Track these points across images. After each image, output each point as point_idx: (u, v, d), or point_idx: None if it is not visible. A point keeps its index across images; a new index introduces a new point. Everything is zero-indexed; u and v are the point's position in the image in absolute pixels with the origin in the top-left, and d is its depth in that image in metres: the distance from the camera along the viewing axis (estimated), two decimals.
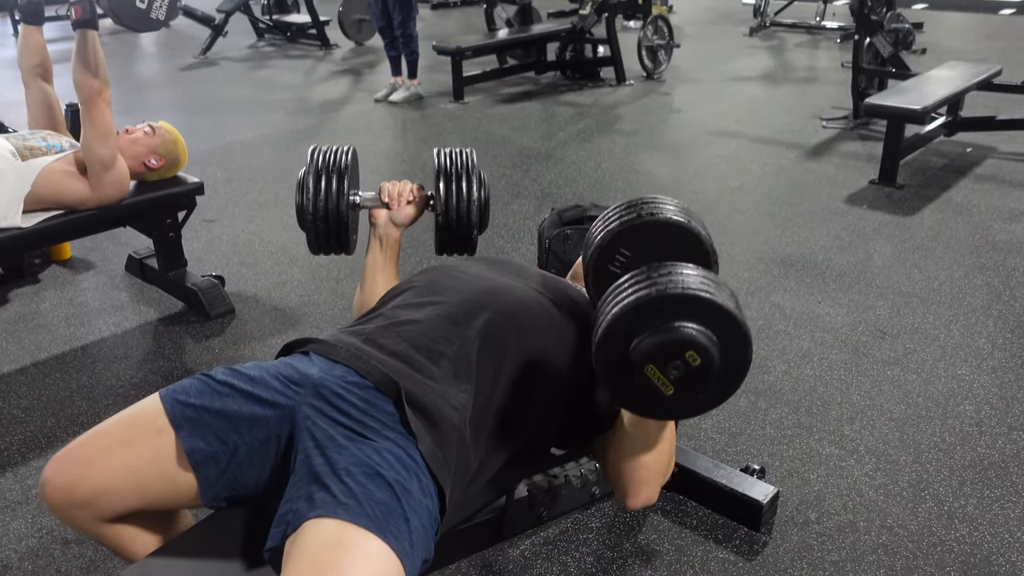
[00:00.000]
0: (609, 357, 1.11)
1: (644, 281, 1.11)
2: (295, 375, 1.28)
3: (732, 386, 1.13)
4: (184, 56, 7.79)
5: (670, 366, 1.07)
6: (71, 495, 1.23)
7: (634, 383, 1.10)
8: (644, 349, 1.07)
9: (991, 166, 4.37)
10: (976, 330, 2.72)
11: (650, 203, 1.28)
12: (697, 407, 1.16)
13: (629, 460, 1.30)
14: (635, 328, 1.09)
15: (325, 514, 1.07)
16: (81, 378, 2.53)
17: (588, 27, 6.40)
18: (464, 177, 1.63)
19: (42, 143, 2.48)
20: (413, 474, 1.15)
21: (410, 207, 1.69)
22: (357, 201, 1.68)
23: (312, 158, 1.63)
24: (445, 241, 1.67)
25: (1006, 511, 1.93)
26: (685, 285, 1.08)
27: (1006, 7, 9.82)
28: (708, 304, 1.07)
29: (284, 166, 4.56)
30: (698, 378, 1.08)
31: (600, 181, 4.24)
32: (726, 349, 1.08)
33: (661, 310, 1.08)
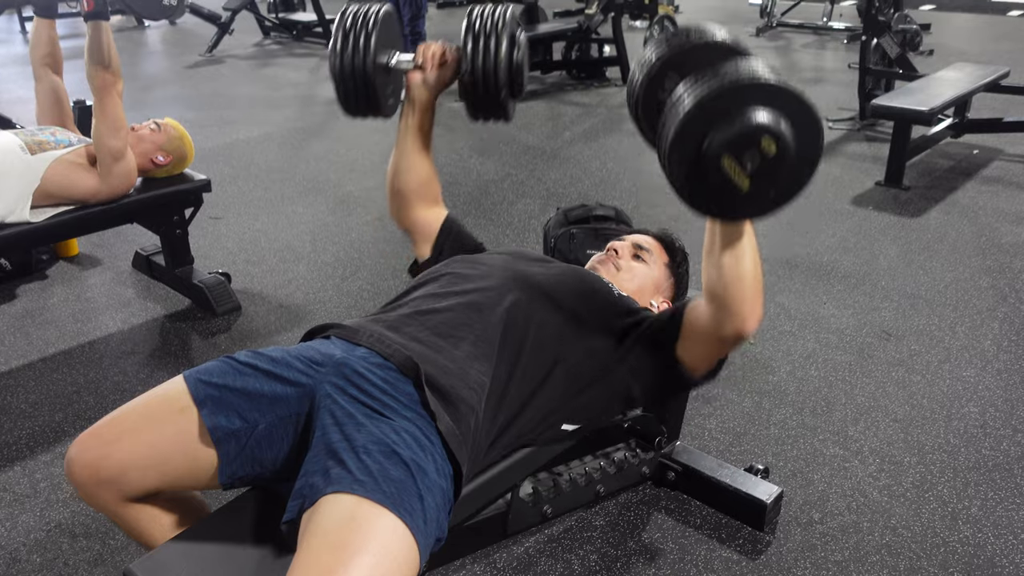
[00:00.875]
0: (683, 156, 1.08)
1: (711, 75, 1.08)
2: (317, 356, 1.32)
3: (803, 178, 1.10)
4: (190, 54, 7.81)
5: (746, 156, 1.06)
6: (96, 472, 1.26)
7: (709, 181, 1.07)
8: (720, 140, 1.05)
9: (998, 168, 4.36)
10: (981, 332, 2.72)
11: (694, 29, 1.25)
12: (770, 203, 1.13)
13: (732, 283, 1.27)
14: (708, 121, 1.06)
15: (341, 489, 1.09)
16: (88, 373, 2.54)
17: (594, 27, 6.39)
18: (494, 35, 1.52)
19: (51, 138, 2.49)
20: (429, 454, 1.18)
21: (443, 68, 1.62)
22: (391, 63, 1.61)
23: (342, 16, 1.57)
24: (474, 105, 1.59)
25: (1010, 513, 1.93)
26: (754, 73, 1.06)
27: (1014, 8, 9.80)
28: (779, 90, 1.05)
29: (290, 164, 4.57)
30: (774, 167, 1.06)
31: (605, 181, 4.24)
32: (799, 136, 1.06)
33: (732, 99, 1.05)
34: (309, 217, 3.79)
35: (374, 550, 1.05)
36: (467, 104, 1.58)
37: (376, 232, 3.54)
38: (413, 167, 1.68)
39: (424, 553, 1.12)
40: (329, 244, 3.48)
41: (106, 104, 2.39)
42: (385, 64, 1.59)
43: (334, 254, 3.38)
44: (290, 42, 8.56)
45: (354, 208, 3.86)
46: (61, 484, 2.05)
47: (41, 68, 2.66)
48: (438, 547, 1.18)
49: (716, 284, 1.29)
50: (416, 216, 1.71)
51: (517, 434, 1.39)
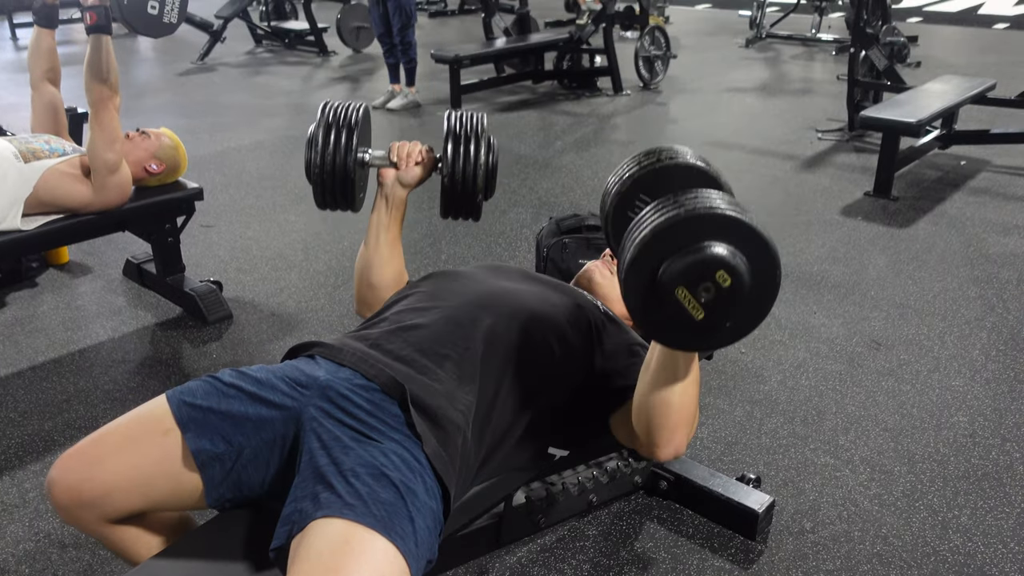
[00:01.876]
0: (638, 283, 1.09)
1: (671, 205, 1.09)
2: (301, 377, 1.30)
3: (760, 312, 1.11)
4: (182, 61, 7.80)
5: (701, 287, 1.06)
6: (78, 495, 1.24)
7: (663, 309, 1.08)
8: (675, 270, 1.06)
9: (985, 179, 4.40)
10: (970, 342, 2.74)
11: (667, 149, 1.28)
12: (726, 335, 1.13)
13: (657, 407, 1.26)
14: (664, 250, 1.07)
15: (331, 514, 1.08)
16: (78, 382, 2.53)
17: (585, 37, 6.43)
18: (473, 140, 1.59)
19: (45, 146, 2.49)
20: (418, 475, 1.17)
21: (418, 168, 1.66)
22: (365, 159, 1.66)
23: (323, 112, 1.62)
24: (450, 204, 1.64)
25: (1000, 522, 1.94)
26: (712, 205, 1.07)
27: (1000, 21, 9.91)
28: (737, 223, 1.06)
29: (281, 172, 4.57)
30: (728, 300, 1.07)
31: (597, 190, 4.25)
32: (755, 270, 1.07)
33: (690, 230, 1.06)
34: (301, 225, 3.78)
35: (366, 574, 1.04)
36: (443, 203, 1.64)
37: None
38: (388, 261, 1.66)
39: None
40: (321, 252, 3.48)
41: (103, 117, 2.39)
42: (361, 160, 1.65)
43: (326, 263, 3.38)
44: (282, 50, 8.56)
45: (346, 217, 3.85)
46: None
47: (40, 80, 2.66)
48: (429, 568, 1.16)
49: (642, 402, 1.28)
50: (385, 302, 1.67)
51: (505, 455, 1.37)
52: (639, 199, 1.26)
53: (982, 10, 10.87)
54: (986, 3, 11.33)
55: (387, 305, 1.52)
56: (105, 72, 2.38)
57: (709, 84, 6.82)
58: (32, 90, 2.67)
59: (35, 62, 2.66)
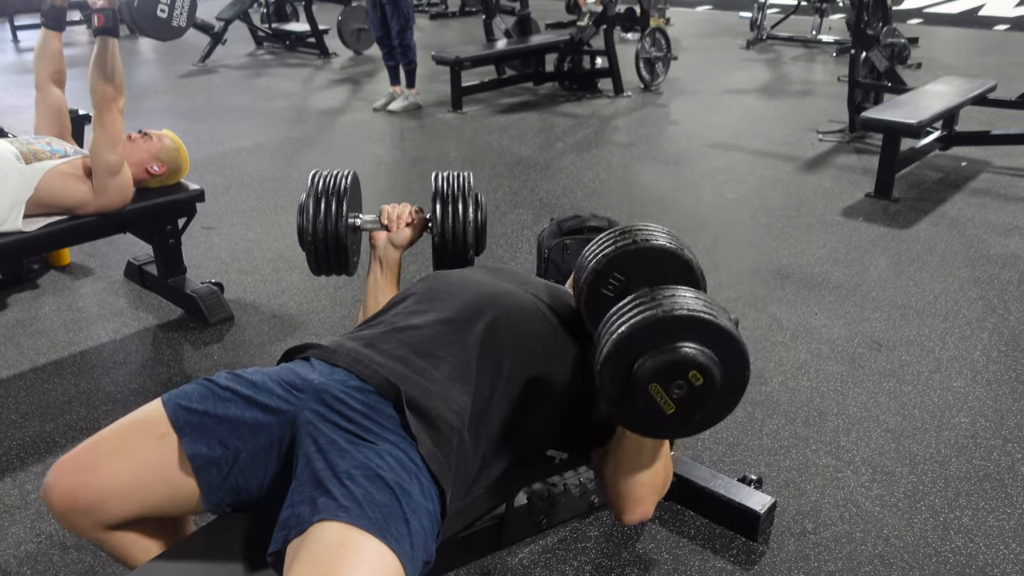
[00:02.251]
0: (613, 376, 1.13)
1: (649, 303, 1.13)
2: (297, 380, 1.29)
3: (729, 406, 1.16)
4: (183, 63, 7.81)
5: (673, 385, 1.10)
6: (74, 501, 1.23)
7: (636, 402, 1.12)
8: (649, 368, 1.10)
9: (986, 180, 4.40)
10: (971, 343, 2.74)
11: (643, 230, 1.32)
12: (694, 426, 1.18)
13: (625, 478, 1.32)
14: (640, 348, 1.11)
15: (327, 517, 1.08)
16: (80, 384, 2.53)
17: (586, 39, 6.43)
18: (460, 200, 1.67)
19: (46, 147, 2.49)
20: (414, 476, 1.17)
21: (409, 229, 1.73)
22: (357, 224, 1.73)
23: (312, 182, 1.68)
24: (443, 262, 1.71)
25: (1001, 523, 1.94)
26: (689, 307, 1.11)
27: (1000, 23, 9.91)
28: (711, 325, 1.10)
29: (283, 174, 4.57)
30: (699, 397, 1.11)
31: (598, 192, 4.26)
32: (726, 369, 1.11)
33: (666, 330, 1.10)
34: None
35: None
36: (435, 261, 1.71)
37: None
38: None
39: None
40: None
41: (106, 119, 2.40)
42: (352, 225, 1.71)
43: None
44: (283, 52, 8.57)
45: None
46: None
47: (46, 82, 2.67)
48: (426, 570, 1.16)
49: (610, 474, 1.33)
50: None
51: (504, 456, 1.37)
52: (614, 277, 1.30)
53: (983, 12, 10.87)
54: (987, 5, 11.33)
55: (384, 308, 1.52)
56: (110, 74, 2.39)
57: (710, 85, 6.83)
58: (37, 92, 2.68)
59: (41, 64, 2.66)
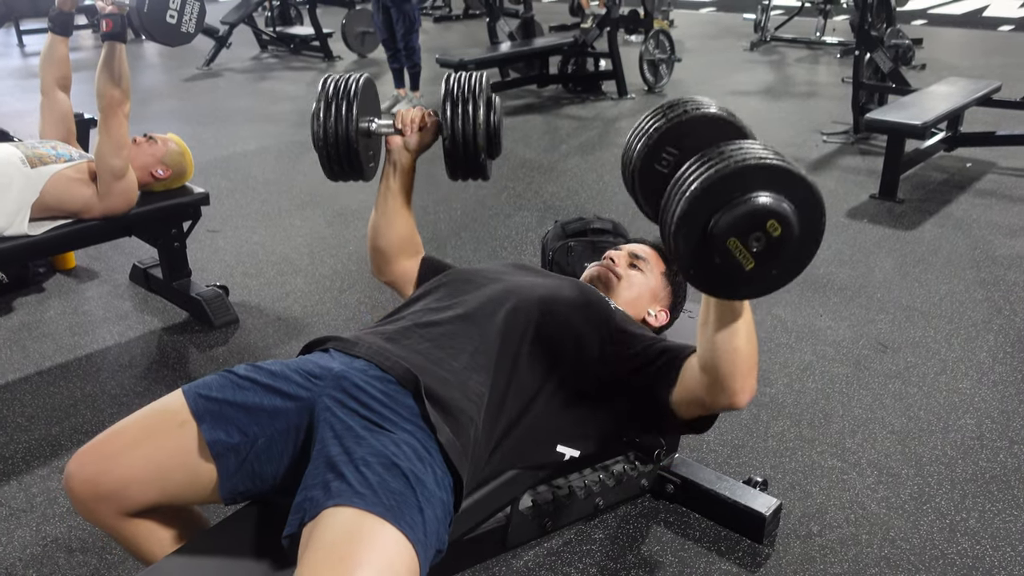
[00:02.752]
0: (688, 236, 1.09)
1: (717, 158, 1.09)
2: (316, 369, 1.32)
3: (806, 257, 1.12)
4: (187, 67, 7.83)
5: (752, 238, 1.07)
6: (96, 488, 1.25)
7: (714, 261, 1.09)
8: (727, 222, 1.07)
9: (991, 181, 4.39)
10: (977, 344, 2.73)
11: (691, 101, 1.25)
12: (772, 282, 1.14)
13: (727, 357, 1.26)
14: (715, 203, 1.07)
15: (341, 503, 1.09)
16: (85, 387, 2.53)
17: (590, 41, 6.43)
18: (471, 100, 1.60)
19: (51, 151, 2.50)
20: (428, 466, 1.18)
21: (422, 132, 1.69)
22: (371, 128, 1.68)
23: (323, 86, 1.64)
24: (454, 166, 1.65)
25: (1008, 525, 1.93)
26: (759, 155, 1.08)
27: (1005, 23, 9.89)
28: (784, 172, 1.07)
29: (287, 177, 4.58)
30: (778, 248, 1.08)
31: (602, 194, 4.26)
32: (803, 217, 1.08)
33: (739, 182, 1.07)
34: (307, 230, 3.79)
35: (375, 563, 1.05)
36: (447, 165, 1.66)
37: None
38: (395, 226, 1.72)
39: (424, 566, 1.11)
40: (327, 256, 3.48)
41: (111, 123, 2.41)
42: (366, 130, 1.67)
43: (331, 267, 3.39)
44: (287, 55, 8.59)
45: (351, 220, 3.87)
46: (57, 498, 2.04)
47: (51, 87, 2.68)
48: (438, 559, 1.18)
49: (709, 358, 1.29)
50: (398, 269, 1.74)
51: (515, 447, 1.39)
52: (666, 152, 1.23)
53: (987, 12, 10.85)
54: (991, 5, 11.31)
55: (405, 304, 1.55)
56: (117, 79, 2.40)
57: (714, 87, 6.82)
58: (42, 96, 2.68)
59: (47, 69, 2.67)
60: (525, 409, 1.38)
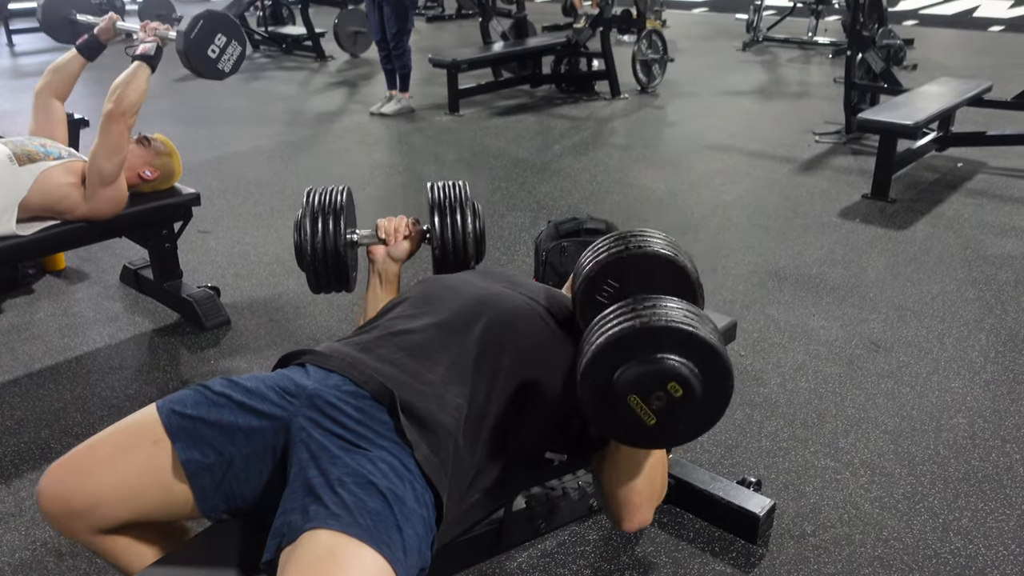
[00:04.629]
0: (593, 386, 1.12)
1: (629, 313, 1.12)
2: (291, 386, 1.29)
3: (712, 417, 1.14)
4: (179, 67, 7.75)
5: (652, 396, 1.09)
6: (67, 505, 1.23)
7: (617, 413, 1.11)
8: (627, 379, 1.09)
9: (982, 181, 4.41)
10: (969, 343, 2.74)
11: (638, 236, 1.31)
12: (678, 437, 1.17)
13: (621, 486, 1.32)
14: (619, 359, 1.10)
15: (318, 525, 1.07)
16: (75, 389, 2.52)
17: (583, 41, 6.44)
18: (459, 210, 1.66)
19: (40, 149, 2.48)
20: (407, 483, 1.15)
21: (406, 242, 1.72)
22: (355, 239, 1.71)
23: (308, 200, 1.66)
24: (443, 272, 1.70)
25: (1000, 524, 1.94)
26: (669, 318, 1.10)
27: (995, 24, 9.93)
28: (690, 336, 1.09)
29: (279, 177, 4.56)
30: (679, 409, 1.10)
31: (595, 194, 4.25)
32: (707, 381, 1.10)
33: (645, 342, 1.10)
34: None
35: None
36: (435, 269, 1.70)
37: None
38: None
39: None
40: None
41: (111, 128, 2.40)
42: (350, 242, 1.70)
43: None
44: (279, 56, 8.56)
45: None
46: None
47: (49, 95, 2.69)
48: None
49: (606, 482, 1.33)
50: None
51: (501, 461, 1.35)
52: (608, 284, 1.30)
53: (977, 13, 10.89)
54: (981, 6, 11.35)
55: (380, 313, 1.51)
56: (133, 94, 2.44)
57: (706, 87, 6.83)
58: (36, 99, 2.68)
59: (55, 79, 2.70)
60: (509, 422, 1.34)
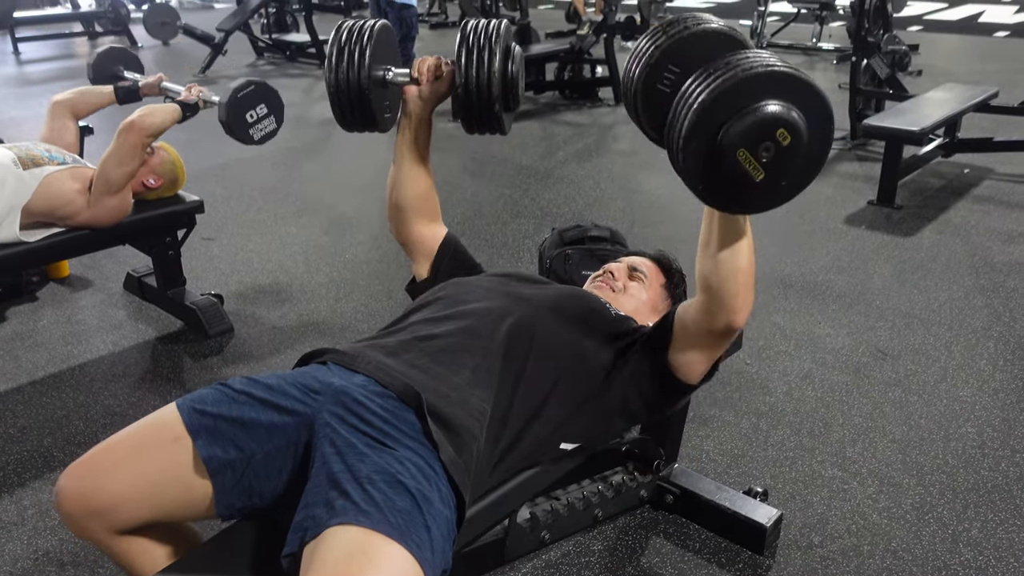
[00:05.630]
0: (698, 150, 1.08)
1: (720, 70, 1.07)
2: (315, 383, 1.29)
3: (817, 164, 1.11)
4: (184, 74, 7.80)
5: (761, 147, 1.06)
6: (87, 504, 1.23)
7: (724, 173, 1.07)
8: (737, 132, 1.05)
9: (989, 187, 4.39)
10: (977, 351, 2.72)
11: (690, 17, 1.21)
12: (781, 194, 1.13)
13: (728, 275, 1.27)
14: (723, 114, 1.06)
15: (346, 521, 1.07)
16: (78, 397, 2.51)
17: (586, 47, 6.44)
18: (487, 47, 1.51)
19: (45, 154, 2.48)
20: (434, 484, 1.16)
21: (438, 82, 1.62)
22: (387, 77, 1.62)
23: (337, 32, 1.58)
24: (467, 116, 1.57)
25: (1011, 535, 1.92)
26: (766, 63, 1.05)
27: (1000, 29, 9.91)
28: (792, 79, 1.05)
29: (283, 184, 4.56)
30: (788, 158, 1.07)
31: (599, 200, 4.24)
32: (812, 125, 1.07)
33: (748, 91, 1.05)
34: (302, 238, 3.77)
35: None
36: (462, 117, 1.58)
37: (370, 253, 3.52)
38: (411, 180, 1.69)
39: None
40: (323, 265, 3.46)
41: (127, 139, 2.44)
42: (381, 78, 1.60)
43: (328, 275, 3.36)
44: (283, 62, 8.58)
45: (347, 229, 3.85)
46: (49, 511, 2.01)
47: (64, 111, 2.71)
48: None
49: (712, 277, 1.29)
50: (415, 231, 1.71)
51: (518, 458, 1.38)
52: (668, 70, 1.19)
53: (982, 18, 10.89)
54: (986, 11, 11.34)
55: (404, 315, 1.53)
56: (157, 119, 2.53)
57: None
58: (54, 107, 2.71)
59: (79, 100, 2.73)
60: (529, 423, 1.37)
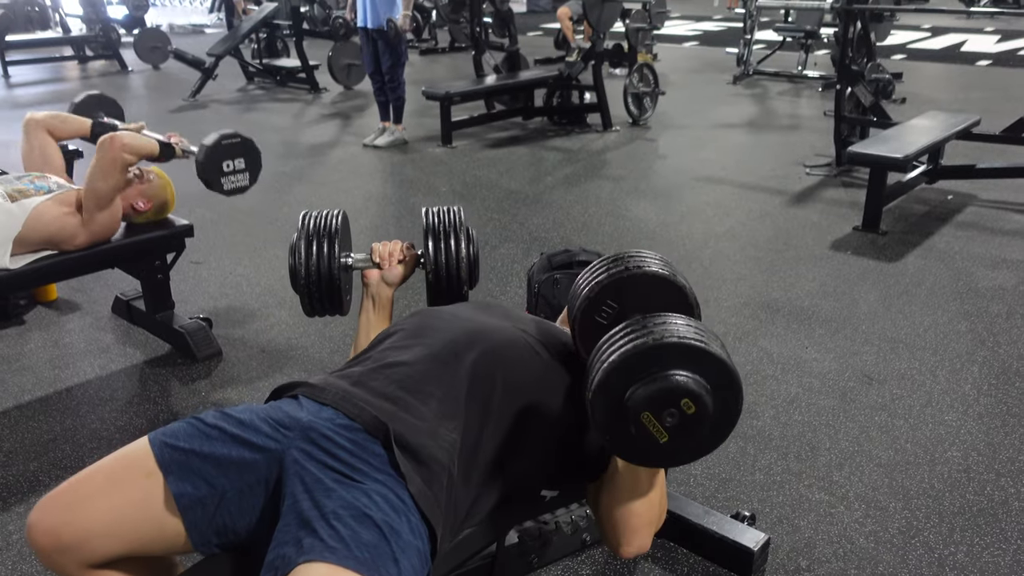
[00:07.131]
0: (605, 405, 1.12)
1: (640, 330, 1.13)
2: (284, 419, 1.28)
3: (723, 433, 1.15)
4: (174, 98, 7.84)
5: (665, 414, 1.10)
6: (58, 539, 1.21)
7: (629, 431, 1.12)
8: (641, 397, 1.09)
9: (972, 213, 4.44)
10: (962, 376, 2.74)
11: (635, 256, 1.32)
12: (689, 454, 1.18)
13: (620, 508, 1.31)
14: (631, 376, 1.10)
15: (313, 558, 1.06)
16: (65, 421, 2.49)
17: (575, 74, 6.50)
18: (452, 235, 1.67)
19: (30, 185, 2.49)
20: (403, 515, 1.15)
21: (401, 266, 1.74)
22: (349, 263, 1.73)
23: (303, 223, 1.68)
24: (437, 298, 1.71)
25: (996, 558, 1.93)
26: (680, 334, 1.11)
27: (982, 59, 10.08)
28: (702, 353, 1.10)
29: (272, 208, 4.57)
30: (692, 425, 1.11)
31: (587, 226, 4.27)
32: (719, 397, 1.11)
33: (657, 359, 1.10)
34: None
35: None
36: (429, 297, 1.71)
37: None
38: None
39: None
40: None
41: (107, 154, 2.44)
42: (345, 265, 1.71)
43: None
44: (273, 87, 8.62)
45: None
46: None
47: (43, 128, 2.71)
48: None
49: (605, 506, 1.33)
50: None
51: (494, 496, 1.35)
52: (607, 305, 1.30)
53: (965, 47, 11.07)
54: (968, 41, 11.54)
55: (372, 344, 1.51)
56: (137, 142, 2.53)
57: (697, 120, 6.89)
58: (29, 125, 2.69)
59: (56, 124, 2.73)
60: (502, 455, 1.34)
